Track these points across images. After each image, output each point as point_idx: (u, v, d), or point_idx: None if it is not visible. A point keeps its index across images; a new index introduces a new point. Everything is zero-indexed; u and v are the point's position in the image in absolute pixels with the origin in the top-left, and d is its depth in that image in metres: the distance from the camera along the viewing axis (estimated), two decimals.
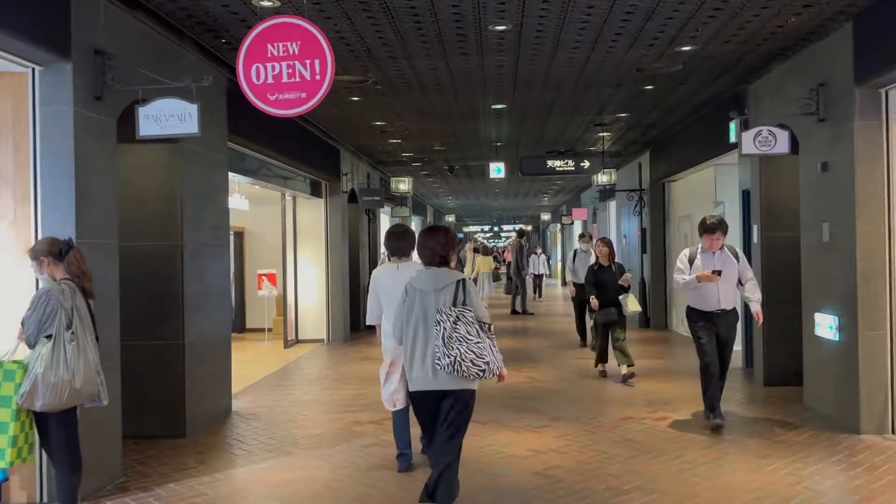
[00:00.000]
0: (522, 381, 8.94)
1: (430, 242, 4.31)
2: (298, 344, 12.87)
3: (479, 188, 22.38)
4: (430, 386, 4.14)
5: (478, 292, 5.86)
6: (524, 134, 11.82)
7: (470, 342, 4.04)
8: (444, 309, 4.09)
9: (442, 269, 4.27)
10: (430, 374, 4.11)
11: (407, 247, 5.48)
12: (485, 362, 4.05)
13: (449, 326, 4.04)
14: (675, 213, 13.83)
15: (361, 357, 11.25)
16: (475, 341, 4.05)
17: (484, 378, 4.12)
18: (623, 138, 12.50)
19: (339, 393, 8.57)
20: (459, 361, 4.00)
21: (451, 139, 12.21)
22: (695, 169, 11.96)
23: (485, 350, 4.07)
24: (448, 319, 4.06)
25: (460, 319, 4.07)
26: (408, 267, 5.26)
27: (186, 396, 6.57)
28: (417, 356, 4.17)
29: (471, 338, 4.05)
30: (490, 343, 4.13)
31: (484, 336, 4.12)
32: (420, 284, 4.23)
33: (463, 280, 4.22)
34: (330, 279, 13.07)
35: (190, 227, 6.68)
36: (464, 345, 4.02)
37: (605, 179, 14.05)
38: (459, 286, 4.17)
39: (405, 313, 4.24)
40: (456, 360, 4.00)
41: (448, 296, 4.14)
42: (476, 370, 4.04)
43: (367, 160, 14.99)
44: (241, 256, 15.09)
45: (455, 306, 4.11)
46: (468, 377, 4.06)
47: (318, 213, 13.08)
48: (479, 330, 4.11)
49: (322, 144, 12.00)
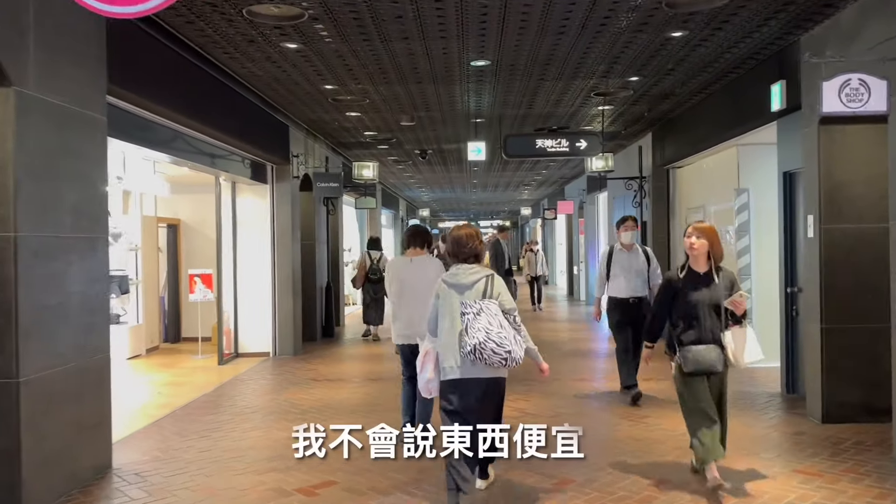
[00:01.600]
0: None
1: (462, 241, 4.57)
2: (238, 359, 10.75)
3: (455, 179, 20.32)
4: (459, 374, 4.41)
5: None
6: (509, 106, 9.79)
7: (491, 332, 4.26)
8: (469, 301, 4.38)
9: (472, 265, 4.55)
10: (458, 363, 4.39)
11: (420, 242, 6.02)
12: (506, 351, 4.25)
13: (472, 317, 4.31)
14: (682, 204, 11.89)
15: (310, 377, 9.16)
16: (496, 331, 4.26)
17: (508, 366, 4.33)
18: (626, 114, 10.51)
19: (269, 436, 6.47)
20: (480, 350, 4.24)
21: (422, 112, 10.14)
22: (711, 150, 10.02)
23: (506, 340, 4.27)
24: (472, 311, 4.33)
25: (483, 311, 4.32)
26: (420, 261, 5.88)
27: (23, 458, 4.47)
28: (448, 347, 4.44)
29: (492, 328, 4.27)
30: (515, 334, 4.34)
31: (509, 327, 4.33)
32: (451, 280, 4.52)
33: (491, 275, 4.51)
34: (277, 280, 10.96)
35: (30, 210, 4.57)
36: (483, 333, 4.25)
37: (600, 165, 12.05)
38: (488, 281, 4.46)
39: (438, 307, 4.54)
40: (476, 349, 4.24)
41: (477, 290, 4.42)
42: (498, 358, 4.26)
43: (324, 141, 12.87)
44: (175, 253, 12.91)
45: (482, 299, 4.38)
46: (492, 365, 4.29)
47: (263, 201, 10.95)
48: (503, 321, 4.33)
49: (265, 118, 9.88)
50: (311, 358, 10.81)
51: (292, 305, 10.99)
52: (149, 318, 11.71)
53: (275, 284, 10.96)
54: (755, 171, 9.44)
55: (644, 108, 9.94)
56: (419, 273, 5.74)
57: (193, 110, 7.66)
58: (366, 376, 9.42)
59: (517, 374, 8.58)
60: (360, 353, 11.62)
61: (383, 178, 19.84)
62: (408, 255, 6.01)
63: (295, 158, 11.15)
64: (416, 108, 9.75)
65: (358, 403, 7.69)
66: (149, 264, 11.85)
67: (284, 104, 9.60)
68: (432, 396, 4.65)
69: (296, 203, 11.32)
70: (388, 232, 25.26)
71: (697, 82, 8.61)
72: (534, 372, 4.83)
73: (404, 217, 28.56)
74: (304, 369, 9.83)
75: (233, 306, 10.84)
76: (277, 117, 10.30)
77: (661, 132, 11.80)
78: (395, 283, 5.88)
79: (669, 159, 11.60)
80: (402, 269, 5.92)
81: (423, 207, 32.08)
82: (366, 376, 9.42)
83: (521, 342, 4.36)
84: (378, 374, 9.46)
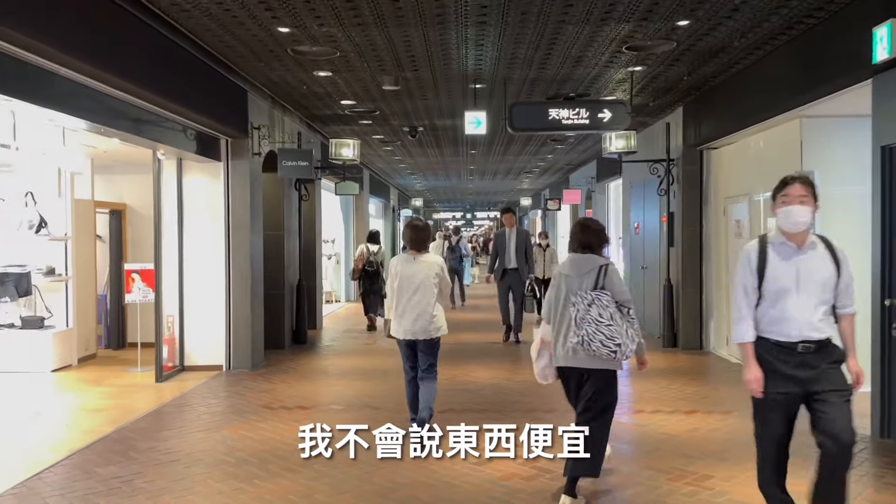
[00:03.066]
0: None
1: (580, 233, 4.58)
2: (183, 373, 8.85)
3: (450, 164, 18.40)
4: (569, 363, 4.46)
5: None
6: (517, 64, 7.88)
7: (601, 324, 4.25)
8: (580, 292, 4.37)
9: (587, 255, 4.51)
10: (570, 352, 4.42)
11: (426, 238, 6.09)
12: (616, 344, 4.25)
13: (582, 308, 4.31)
14: (719, 191, 10.01)
15: (263, 403, 7.26)
16: (607, 323, 4.25)
17: (617, 359, 4.32)
18: (659, 80, 8.61)
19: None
20: (588, 341, 4.26)
21: (408, 72, 8.22)
22: (765, 125, 8.13)
23: (617, 333, 4.26)
24: (582, 301, 4.32)
25: (594, 302, 4.30)
26: (424, 258, 5.93)
27: None
28: (561, 335, 4.48)
29: (602, 320, 4.26)
30: (627, 327, 4.32)
31: (621, 320, 4.32)
32: (566, 270, 4.55)
33: (605, 266, 4.44)
34: (232, 279, 9.06)
35: None
36: (593, 325, 4.25)
37: (620, 145, 10.14)
38: (601, 271, 4.41)
39: (553, 296, 4.57)
40: (584, 340, 4.26)
41: (589, 280, 4.40)
42: (607, 350, 4.26)
43: (295, 114, 10.94)
44: (119, 244, 10.98)
45: (594, 290, 4.35)
46: (601, 357, 4.30)
47: (215, 183, 9.03)
48: (615, 313, 4.31)
49: (213, 77, 7.95)
50: (272, 373, 8.91)
51: (250, 309, 9.08)
52: (82, 320, 9.79)
53: (229, 283, 9.05)
54: (824, 149, 7.58)
55: (683, 69, 8.03)
56: (423, 271, 5.86)
57: (105, 57, 5.76)
58: (340, 400, 7.51)
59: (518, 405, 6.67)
60: (335, 365, 9.72)
61: (371, 163, 17.89)
62: (411, 252, 6.00)
63: (256, 131, 9.22)
64: (401, 65, 7.83)
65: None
66: (82, 257, 9.93)
67: (234, 58, 7.67)
68: (548, 382, 4.77)
69: (257, 185, 9.40)
70: (378, 223, 23.31)
71: (761, 32, 6.70)
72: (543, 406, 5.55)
73: (395, 207, 26.61)
74: (260, 390, 7.93)
75: (178, 309, 8.93)
76: (232, 79, 8.37)
77: (695, 106, 9.90)
78: (398, 280, 5.88)
79: (706, 138, 9.70)
80: (406, 266, 5.92)
81: (417, 197, 30.12)
82: (340, 400, 7.51)
83: (634, 336, 4.36)
84: (357, 397, 7.57)
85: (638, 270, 12.89)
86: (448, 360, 9.42)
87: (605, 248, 4.65)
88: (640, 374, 8.51)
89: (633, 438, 5.93)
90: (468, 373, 8.77)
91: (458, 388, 7.93)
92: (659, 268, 11.45)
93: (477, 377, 8.52)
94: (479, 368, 9.06)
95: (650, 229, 12.13)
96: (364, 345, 11.44)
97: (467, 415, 6.70)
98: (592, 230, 4.60)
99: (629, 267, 13.73)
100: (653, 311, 11.92)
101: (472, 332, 12.46)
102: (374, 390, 7.88)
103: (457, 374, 8.61)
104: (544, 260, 13.40)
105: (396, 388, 7.90)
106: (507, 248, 11.18)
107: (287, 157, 9.55)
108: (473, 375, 8.62)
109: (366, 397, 7.53)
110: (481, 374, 8.68)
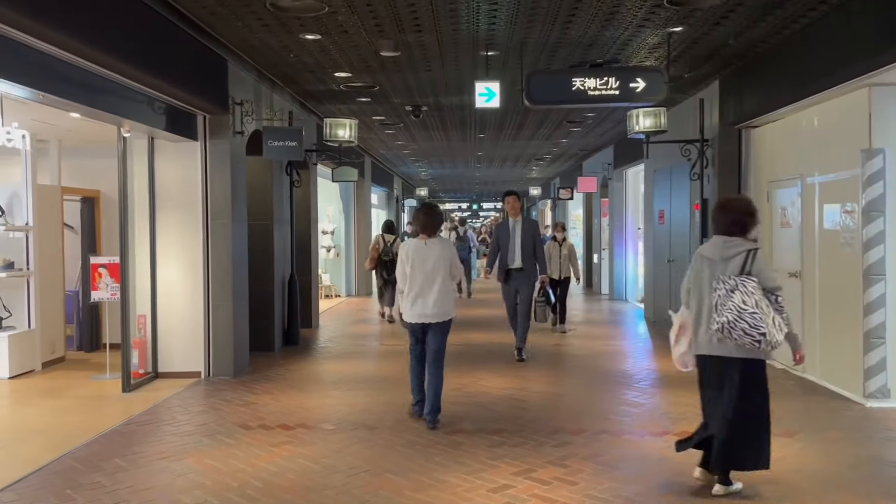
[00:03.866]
0: None
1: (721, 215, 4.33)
2: (157, 381, 7.81)
3: (456, 150, 17.29)
4: (710, 351, 4.25)
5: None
6: (536, 26, 6.77)
7: (744, 312, 4.01)
8: (723, 277, 4.13)
9: (734, 238, 4.24)
10: (713, 339, 4.20)
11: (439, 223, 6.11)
12: (760, 333, 4.00)
13: (724, 294, 4.08)
14: (761, 175, 8.89)
15: (241, 420, 6.19)
16: (750, 311, 4.01)
17: (760, 349, 4.09)
18: (699, 45, 7.48)
19: None
20: (729, 329, 4.03)
21: (409, 35, 7.11)
22: (824, 95, 7.00)
23: (761, 322, 4.00)
24: (724, 287, 4.09)
25: (738, 288, 4.06)
26: (434, 242, 5.97)
27: None
28: (702, 321, 4.27)
29: (746, 307, 4.01)
30: (775, 315, 4.06)
31: (768, 308, 4.06)
32: (708, 253, 4.32)
33: (753, 250, 4.19)
34: (211, 273, 8.00)
35: None
36: (734, 313, 4.02)
37: (648, 124, 9.04)
38: (749, 255, 4.15)
39: (693, 280, 4.38)
40: (724, 327, 4.04)
41: (735, 265, 4.15)
42: (749, 340, 4.03)
43: (286, 90, 9.84)
44: (92, 234, 9.94)
45: (740, 275, 4.10)
46: (743, 346, 4.08)
47: (191, 165, 7.96)
48: (761, 300, 4.05)
49: (185, 40, 6.86)
50: (257, 380, 7.86)
51: (231, 307, 8.02)
52: (47, 320, 8.76)
53: (207, 278, 7.99)
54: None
55: (730, 30, 6.89)
56: (434, 254, 5.92)
57: (46, 11, 4.68)
58: (330, 416, 6.44)
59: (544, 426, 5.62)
60: (330, 371, 8.65)
61: (373, 149, 16.80)
62: (421, 237, 6.02)
63: (238, 107, 8.14)
64: (401, 26, 6.72)
65: (311, 487, 4.71)
66: (47, 249, 8.88)
67: (206, 17, 6.57)
68: (688, 370, 4.51)
69: (239, 168, 8.32)
70: (381, 214, 22.22)
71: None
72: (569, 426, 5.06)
73: (399, 197, 25.51)
74: (239, 402, 6.87)
75: (150, 308, 7.87)
76: (208, 45, 7.29)
77: (735, 78, 8.76)
78: (409, 265, 5.92)
79: (748, 114, 8.57)
80: (418, 251, 5.95)
81: (421, 186, 29.00)
82: (330, 416, 6.44)
83: (782, 326, 4.08)
84: (351, 412, 6.49)
85: (663, 264, 11.78)
86: (456, 364, 8.36)
87: (754, 229, 4.31)
88: (678, 385, 7.45)
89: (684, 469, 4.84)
90: (478, 381, 7.70)
91: (469, 400, 6.86)
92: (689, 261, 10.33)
93: (489, 387, 7.45)
94: (491, 376, 7.99)
95: (678, 219, 11.01)
96: (364, 346, 10.37)
97: (481, 437, 5.63)
98: (736, 210, 4.30)
99: (652, 260, 12.62)
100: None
101: (481, 330, 11.38)
102: (372, 403, 6.82)
103: (466, 383, 7.54)
104: (560, 257, 11.14)
105: (396, 398, 6.87)
106: (511, 243, 8.75)
107: (273, 136, 8.45)
108: (485, 384, 7.55)
109: (361, 412, 6.47)
110: (493, 383, 7.61)
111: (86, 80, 5.82)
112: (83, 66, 5.61)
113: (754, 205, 4.45)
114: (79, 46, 5.27)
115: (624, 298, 16.19)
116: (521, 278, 8.77)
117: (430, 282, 5.85)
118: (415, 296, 5.89)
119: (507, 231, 8.87)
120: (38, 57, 5.11)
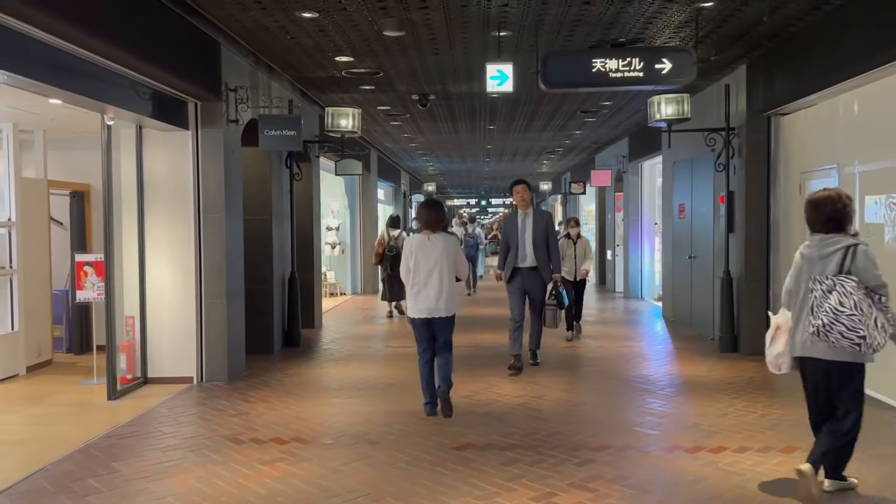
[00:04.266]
0: None
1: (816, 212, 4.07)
2: (146, 386, 7.31)
3: (465, 143, 16.73)
4: (807, 353, 4.10)
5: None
6: (552, 4, 6.23)
7: (842, 313, 3.83)
8: (820, 277, 3.98)
9: (832, 235, 4.01)
10: (809, 341, 4.05)
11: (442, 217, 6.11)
12: (859, 336, 3.81)
13: (820, 294, 3.93)
14: (792, 165, 8.30)
15: (232, 432, 5.66)
16: (848, 313, 3.82)
17: (862, 352, 3.88)
18: (730, 23, 6.90)
19: None
20: (826, 332, 3.88)
21: (415, 14, 6.57)
22: (866, 78, 6.40)
23: (860, 324, 3.80)
24: (820, 287, 3.94)
25: (835, 289, 3.88)
26: (438, 237, 5.96)
27: None
28: (801, 322, 4.12)
29: (843, 309, 3.83)
30: (878, 316, 3.83)
31: (868, 308, 3.83)
32: (807, 251, 4.14)
33: (853, 247, 3.93)
34: (204, 271, 7.48)
35: None
36: (830, 315, 3.85)
37: (670, 111, 8.50)
38: (848, 253, 3.92)
39: (793, 280, 4.21)
40: (820, 330, 3.89)
41: (833, 263, 3.95)
42: (847, 342, 3.84)
43: (285, 77, 9.31)
44: (82, 230, 9.45)
45: (838, 274, 3.90)
46: (842, 348, 3.90)
47: (182, 156, 7.44)
48: (862, 301, 3.83)
49: (172, 19, 6.33)
50: (252, 386, 7.34)
51: (225, 307, 7.51)
52: (32, 321, 8.27)
53: (200, 277, 7.47)
54: None
55: (764, 6, 6.31)
56: (439, 249, 5.90)
57: None
58: (330, 429, 5.90)
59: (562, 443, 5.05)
60: (331, 375, 8.11)
61: (378, 142, 16.26)
62: (425, 232, 6.01)
63: (232, 94, 7.61)
64: (405, 1, 6.16)
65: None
66: (33, 246, 8.39)
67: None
68: (781, 372, 4.30)
69: (234, 159, 7.80)
70: (388, 209, 21.70)
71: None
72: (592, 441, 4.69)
73: (407, 192, 24.98)
74: (232, 412, 6.35)
75: (139, 309, 7.37)
76: (199, 26, 6.77)
77: (765, 61, 8.18)
78: (413, 260, 5.92)
79: (778, 100, 7.99)
80: (421, 246, 5.94)
81: (429, 181, 28.44)
82: (330, 429, 5.90)
83: (887, 327, 3.85)
84: (352, 423, 5.96)
85: (683, 260, 11.20)
86: (465, 368, 7.82)
87: (852, 223, 4.06)
88: (705, 392, 6.89)
89: (721, 493, 4.28)
90: (489, 387, 7.16)
91: (479, 410, 6.31)
92: (713, 257, 9.76)
93: (500, 394, 6.91)
94: (503, 381, 7.45)
95: (700, 212, 10.43)
96: (369, 348, 9.84)
97: (494, 453, 5.09)
98: (828, 204, 4.02)
99: (672, 256, 12.05)
100: (703, 309, 10.25)
101: (490, 330, 10.83)
102: (375, 412, 6.29)
103: (476, 391, 7.00)
104: (575, 255, 10.09)
105: (401, 407, 6.34)
106: (521, 239, 7.79)
107: (270, 124, 7.92)
108: (496, 391, 7.01)
109: (363, 423, 5.93)
110: (506, 390, 7.07)
111: (65, 63, 5.30)
112: (61, 46, 5.11)
113: (847, 196, 4.08)
114: (57, 25, 4.77)
115: (639, 296, 15.60)
116: (532, 278, 7.81)
117: (433, 277, 5.89)
118: (418, 291, 5.94)
119: (515, 225, 7.91)
120: (10, 36, 4.59)
